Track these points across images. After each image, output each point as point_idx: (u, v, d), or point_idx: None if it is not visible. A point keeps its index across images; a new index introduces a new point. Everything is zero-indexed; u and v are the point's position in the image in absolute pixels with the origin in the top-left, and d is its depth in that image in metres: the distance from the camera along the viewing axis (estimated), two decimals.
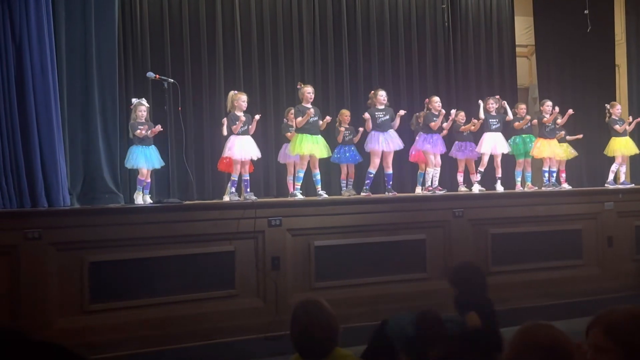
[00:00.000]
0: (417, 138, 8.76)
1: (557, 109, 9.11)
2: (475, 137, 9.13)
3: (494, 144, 8.92)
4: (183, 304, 6.06)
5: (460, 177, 9.09)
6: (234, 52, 9.20)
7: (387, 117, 8.02)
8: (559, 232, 7.73)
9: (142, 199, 7.52)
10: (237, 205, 6.72)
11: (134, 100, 7.57)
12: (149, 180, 7.69)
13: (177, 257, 6.11)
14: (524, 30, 11.72)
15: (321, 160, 7.95)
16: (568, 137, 9.57)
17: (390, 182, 8.11)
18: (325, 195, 7.65)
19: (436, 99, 8.65)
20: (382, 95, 8.05)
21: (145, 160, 7.49)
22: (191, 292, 6.10)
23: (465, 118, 9.17)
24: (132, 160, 7.46)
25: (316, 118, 7.66)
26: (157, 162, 7.60)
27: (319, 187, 7.77)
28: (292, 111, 8.16)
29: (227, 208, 6.64)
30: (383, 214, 7.05)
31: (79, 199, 6.73)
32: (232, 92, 7.72)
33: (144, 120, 7.54)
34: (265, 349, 5.76)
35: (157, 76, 7.06)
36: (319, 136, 7.72)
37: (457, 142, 9.11)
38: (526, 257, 7.48)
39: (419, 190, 8.76)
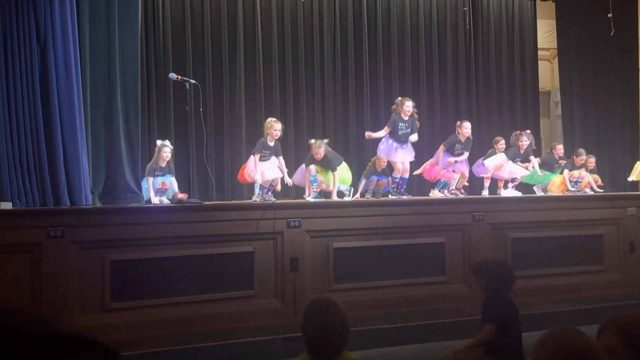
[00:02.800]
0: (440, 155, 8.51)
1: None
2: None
3: (514, 169, 8.80)
4: (202, 304, 6.09)
5: (487, 183, 9.04)
6: (255, 53, 9.23)
7: (409, 130, 7.90)
8: (580, 237, 7.65)
9: (158, 199, 7.56)
10: (257, 206, 6.74)
11: (159, 142, 7.49)
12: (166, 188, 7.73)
13: (196, 257, 6.14)
14: (546, 33, 11.63)
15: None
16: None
17: (404, 187, 8.06)
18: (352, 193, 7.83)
19: (467, 125, 8.39)
20: (408, 106, 7.84)
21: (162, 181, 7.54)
22: (210, 292, 6.13)
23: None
24: (150, 191, 7.45)
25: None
26: (171, 188, 7.59)
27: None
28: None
29: (246, 209, 6.66)
30: (402, 216, 7.03)
31: (100, 198, 6.78)
32: (268, 119, 7.59)
33: (165, 164, 7.45)
34: (282, 350, 5.75)
35: (179, 77, 7.11)
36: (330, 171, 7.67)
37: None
38: (546, 262, 7.40)
39: (434, 193, 8.60)
